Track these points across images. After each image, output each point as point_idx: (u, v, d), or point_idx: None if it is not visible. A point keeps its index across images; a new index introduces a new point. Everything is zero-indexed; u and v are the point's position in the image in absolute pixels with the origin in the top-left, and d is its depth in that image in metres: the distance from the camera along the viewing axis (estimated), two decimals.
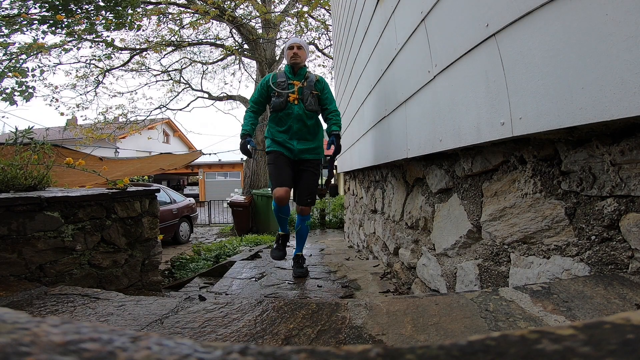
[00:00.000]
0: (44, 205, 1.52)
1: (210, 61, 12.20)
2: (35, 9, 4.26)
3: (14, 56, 4.57)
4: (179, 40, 10.29)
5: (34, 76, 5.04)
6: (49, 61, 8.36)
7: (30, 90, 4.32)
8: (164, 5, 9.29)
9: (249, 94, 12.02)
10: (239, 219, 8.35)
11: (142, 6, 8.18)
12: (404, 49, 1.78)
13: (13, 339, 0.19)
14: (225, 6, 9.40)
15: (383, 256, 2.72)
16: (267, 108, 2.65)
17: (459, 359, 0.19)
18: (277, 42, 10.57)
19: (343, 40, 4.29)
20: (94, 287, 1.59)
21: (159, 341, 0.21)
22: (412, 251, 1.98)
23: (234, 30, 10.35)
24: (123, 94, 11.71)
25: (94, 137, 11.16)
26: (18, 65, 4.39)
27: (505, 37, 0.95)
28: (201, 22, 9.49)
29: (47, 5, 4.09)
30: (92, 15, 4.62)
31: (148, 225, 2.11)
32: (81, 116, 19.79)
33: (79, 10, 4.34)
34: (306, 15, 10.20)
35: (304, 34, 10.96)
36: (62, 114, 12.36)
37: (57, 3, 4.06)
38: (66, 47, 7.17)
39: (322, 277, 2.54)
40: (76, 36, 5.19)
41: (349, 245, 4.49)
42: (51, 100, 9.79)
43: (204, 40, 10.99)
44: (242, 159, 16.42)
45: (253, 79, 12.04)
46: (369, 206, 3.39)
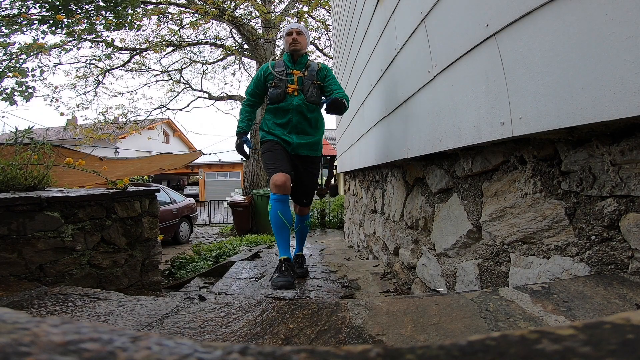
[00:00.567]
0: (44, 205, 1.52)
1: (210, 61, 12.22)
2: (35, 9, 4.26)
3: (14, 56, 4.57)
4: (179, 40, 10.31)
5: (34, 76, 5.04)
6: (49, 61, 8.38)
7: (30, 90, 4.32)
8: (164, 5, 9.30)
9: None
10: (239, 219, 8.36)
11: (142, 6, 8.19)
12: (404, 49, 1.78)
13: (13, 339, 0.19)
14: (225, 6, 9.41)
15: (383, 256, 2.72)
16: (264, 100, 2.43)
17: (459, 359, 0.19)
18: (277, 42, 10.57)
19: (343, 40, 4.29)
20: (94, 287, 1.59)
21: (159, 341, 0.21)
22: (412, 251, 1.98)
23: (234, 30, 10.36)
24: (123, 94, 11.76)
25: (94, 137, 11.19)
26: (18, 65, 4.39)
27: (505, 37, 0.95)
28: (201, 22, 9.50)
29: (47, 5, 4.09)
30: (92, 15, 4.62)
31: (148, 225, 2.11)
32: (81, 116, 19.86)
33: (79, 10, 4.34)
34: (306, 15, 10.21)
35: None
36: (62, 114, 12.41)
37: (57, 3, 4.06)
38: (66, 47, 7.18)
39: (322, 277, 2.54)
40: (76, 36, 5.19)
41: (349, 245, 4.49)
42: (51, 100, 9.82)
43: (204, 40, 11.01)
44: (241, 159, 16.39)
45: None
46: (369, 206, 3.39)
